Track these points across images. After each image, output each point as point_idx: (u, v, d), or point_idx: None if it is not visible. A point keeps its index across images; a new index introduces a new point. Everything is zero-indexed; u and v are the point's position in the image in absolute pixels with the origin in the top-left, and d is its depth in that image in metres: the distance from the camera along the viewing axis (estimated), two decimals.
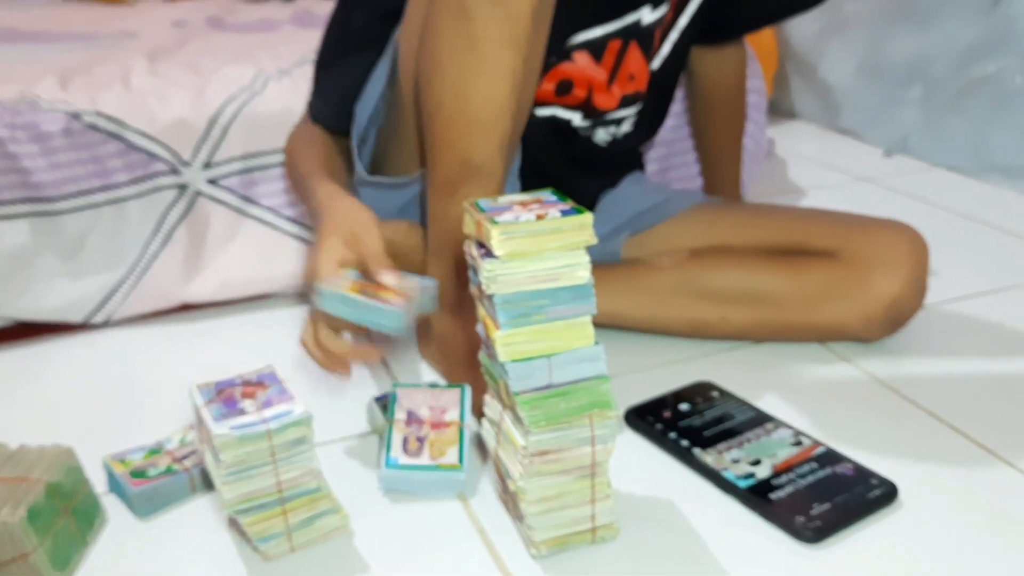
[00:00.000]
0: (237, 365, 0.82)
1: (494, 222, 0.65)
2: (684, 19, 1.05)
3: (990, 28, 1.57)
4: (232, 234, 1.21)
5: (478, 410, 0.86)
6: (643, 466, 0.84)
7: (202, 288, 1.19)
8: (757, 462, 0.81)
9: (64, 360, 1.11)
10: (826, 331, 1.02)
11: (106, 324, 1.19)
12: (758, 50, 1.84)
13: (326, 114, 1.04)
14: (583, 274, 0.66)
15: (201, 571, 0.73)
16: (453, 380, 0.96)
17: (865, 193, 1.60)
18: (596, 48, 0.98)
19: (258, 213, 1.21)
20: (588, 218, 0.66)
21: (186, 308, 1.22)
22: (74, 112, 1.11)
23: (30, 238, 1.11)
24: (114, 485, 0.82)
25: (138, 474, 0.81)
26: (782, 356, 1.03)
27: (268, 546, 0.72)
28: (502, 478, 0.75)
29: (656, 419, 0.89)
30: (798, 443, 0.84)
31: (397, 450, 0.81)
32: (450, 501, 0.80)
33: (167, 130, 1.15)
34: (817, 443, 0.84)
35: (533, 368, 0.67)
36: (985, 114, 1.60)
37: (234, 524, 0.77)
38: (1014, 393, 0.94)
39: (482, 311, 0.71)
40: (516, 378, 0.67)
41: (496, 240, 0.64)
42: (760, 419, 0.88)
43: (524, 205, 0.68)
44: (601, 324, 1.05)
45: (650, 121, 1.13)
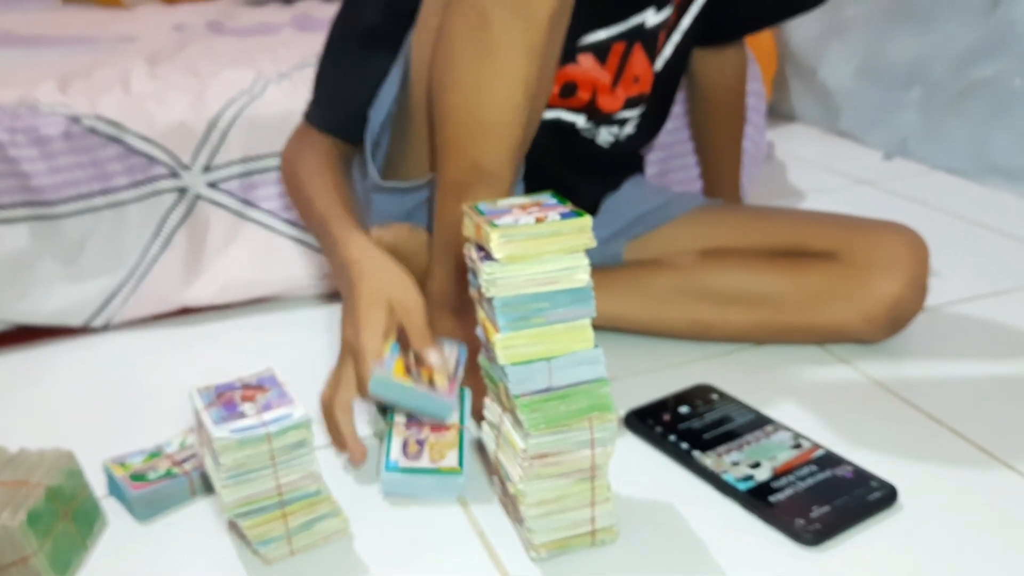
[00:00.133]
0: (237, 368, 0.82)
1: (493, 225, 0.65)
2: (687, 20, 1.05)
3: (989, 30, 1.57)
4: (232, 237, 1.21)
5: (478, 413, 0.86)
6: (643, 469, 0.84)
7: (202, 291, 1.19)
8: (757, 465, 0.81)
9: (64, 364, 1.11)
10: (827, 332, 1.02)
11: (106, 328, 1.19)
12: (757, 53, 1.84)
13: (334, 121, 1.00)
14: (582, 277, 0.66)
15: (201, 575, 0.73)
16: None
17: (864, 196, 1.60)
18: (600, 50, 0.98)
19: (258, 216, 1.21)
20: (587, 221, 0.66)
21: (186, 311, 1.22)
22: (74, 116, 1.11)
23: (30, 242, 1.11)
24: (114, 488, 0.82)
25: (138, 477, 0.81)
26: (782, 359, 1.03)
27: (268, 549, 0.72)
28: (502, 481, 0.75)
29: (656, 422, 0.89)
30: (797, 446, 0.84)
31: (397, 453, 0.81)
32: (450, 504, 0.80)
33: (167, 133, 1.15)
34: (817, 446, 0.84)
35: (533, 371, 0.67)
36: (984, 117, 1.60)
37: (234, 527, 0.77)
38: (1014, 395, 0.94)
39: (481, 314, 0.71)
40: (516, 381, 0.67)
41: (495, 243, 0.64)
42: (760, 422, 0.88)
43: (524, 208, 0.68)
44: (602, 326, 1.05)
45: (652, 123, 1.13)
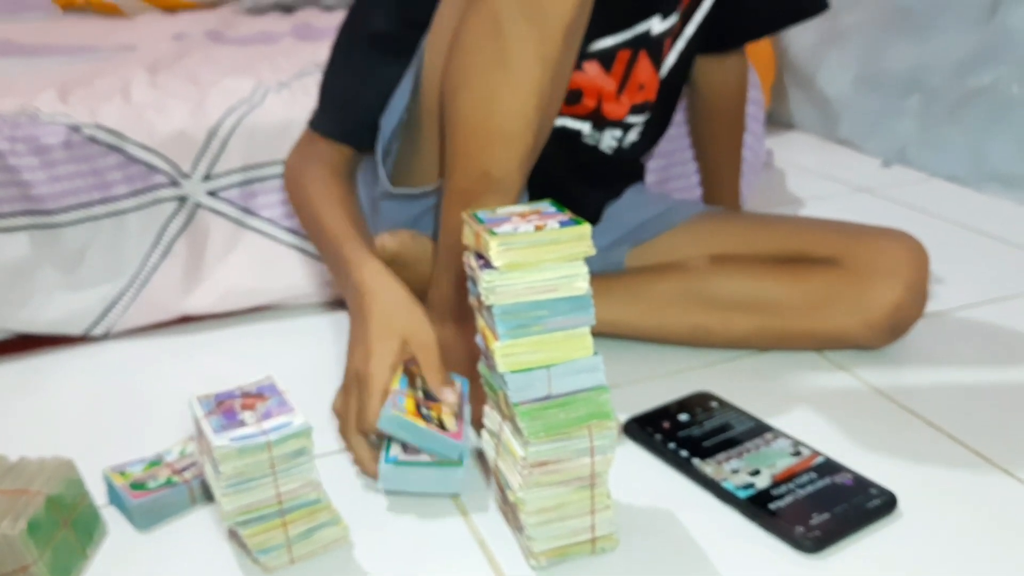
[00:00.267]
0: (237, 377, 0.82)
1: (493, 233, 0.65)
2: (691, 28, 1.06)
3: (987, 39, 1.57)
4: (232, 245, 1.21)
5: (477, 422, 0.87)
6: (643, 476, 0.84)
7: (202, 300, 1.20)
8: (756, 472, 0.82)
9: (64, 372, 1.11)
10: (828, 338, 1.02)
11: (106, 336, 1.19)
12: (756, 61, 1.85)
13: (343, 128, 0.99)
14: (582, 285, 0.67)
15: None
16: None
17: (863, 203, 1.60)
18: (606, 58, 0.98)
19: (258, 224, 1.21)
20: (586, 229, 0.66)
21: (186, 320, 1.22)
22: (74, 125, 1.12)
23: (30, 251, 1.11)
24: (114, 497, 0.82)
25: (138, 486, 0.81)
26: (781, 366, 1.03)
27: (268, 558, 0.72)
28: (501, 489, 0.75)
29: (655, 429, 0.89)
30: (797, 453, 0.84)
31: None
32: (450, 513, 0.80)
33: (167, 142, 1.15)
34: (816, 453, 0.84)
35: (532, 379, 0.67)
36: (983, 124, 1.60)
37: (234, 536, 0.77)
38: (1013, 402, 0.94)
39: (481, 322, 0.71)
40: (515, 389, 0.67)
41: (495, 251, 0.64)
42: (759, 429, 0.89)
43: (523, 216, 0.68)
44: (603, 332, 1.05)
45: (655, 130, 1.13)
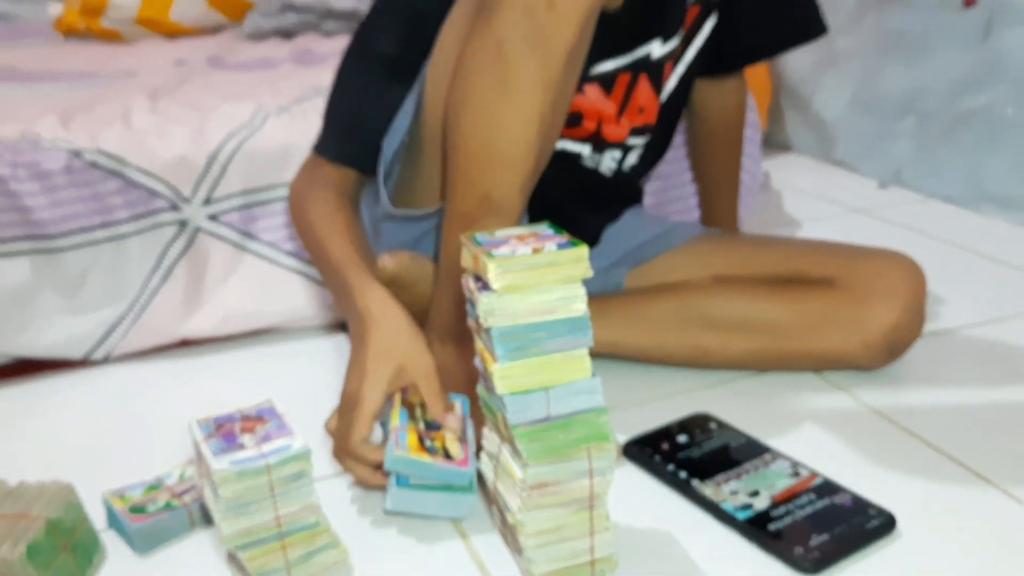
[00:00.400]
0: (238, 400, 0.82)
1: (491, 256, 0.65)
2: (692, 52, 1.07)
3: (980, 61, 1.59)
4: (232, 269, 1.21)
5: (478, 443, 0.87)
6: (642, 498, 0.84)
7: (202, 323, 1.20)
8: (755, 493, 0.82)
9: (64, 397, 1.11)
10: (826, 359, 1.03)
11: (106, 360, 1.19)
12: (753, 84, 1.86)
13: (348, 151, 1.00)
14: (580, 307, 0.67)
15: None
16: None
17: (860, 225, 1.61)
18: (607, 81, 0.99)
19: (258, 248, 1.22)
20: (584, 251, 0.66)
21: (186, 344, 1.22)
22: (75, 150, 1.12)
23: (31, 275, 1.12)
24: (113, 521, 0.82)
25: (137, 510, 0.81)
26: (780, 387, 1.03)
27: None
28: (501, 511, 0.75)
29: (654, 451, 0.89)
30: (796, 474, 0.84)
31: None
32: (450, 536, 0.80)
33: (167, 167, 1.16)
34: (815, 474, 0.84)
35: (531, 401, 0.67)
36: (977, 145, 1.61)
37: (233, 559, 0.77)
38: (1011, 422, 0.94)
39: (480, 344, 0.71)
40: (514, 411, 0.67)
41: (493, 274, 0.65)
42: (758, 450, 0.89)
43: (521, 239, 0.69)
44: (602, 353, 1.05)
45: (654, 152, 1.14)
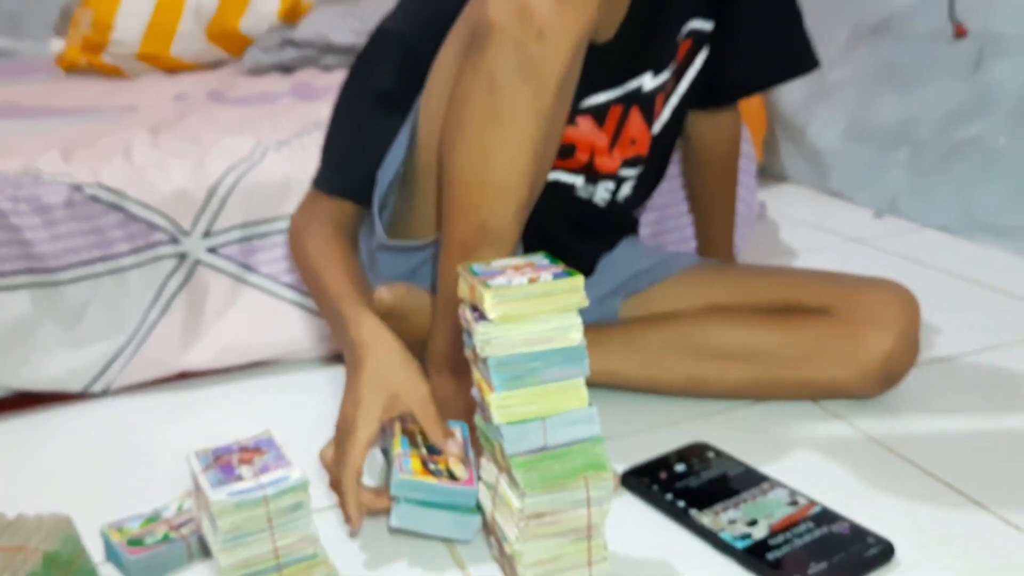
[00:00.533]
0: (236, 432, 0.82)
1: (487, 286, 0.66)
2: (684, 85, 1.08)
3: (971, 92, 1.60)
4: (231, 301, 1.22)
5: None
6: (640, 528, 0.84)
7: (200, 356, 1.20)
8: (754, 522, 0.82)
9: (63, 429, 1.11)
10: (822, 387, 1.03)
11: (105, 393, 1.19)
12: (748, 116, 1.88)
13: (345, 184, 1.00)
14: (575, 336, 0.67)
15: None
16: None
17: (856, 254, 1.62)
18: (599, 113, 1.00)
19: (257, 280, 1.22)
20: (579, 280, 0.67)
21: (185, 376, 1.22)
22: (76, 184, 1.13)
23: (31, 308, 1.12)
24: (111, 554, 0.82)
25: (135, 542, 0.81)
26: (777, 416, 1.03)
27: None
28: (499, 541, 0.75)
29: (652, 480, 0.89)
30: (794, 503, 0.84)
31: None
32: (448, 566, 0.80)
33: (167, 200, 1.17)
34: (813, 502, 0.84)
35: (527, 430, 0.68)
36: (970, 175, 1.63)
37: None
38: (1007, 449, 0.94)
39: (477, 374, 0.72)
40: (511, 440, 0.67)
41: (489, 303, 0.65)
42: (756, 479, 0.89)
43: (517, 269, 0.69)
44: (598, 383, 1.05)
45: (648, 183, 1.15)
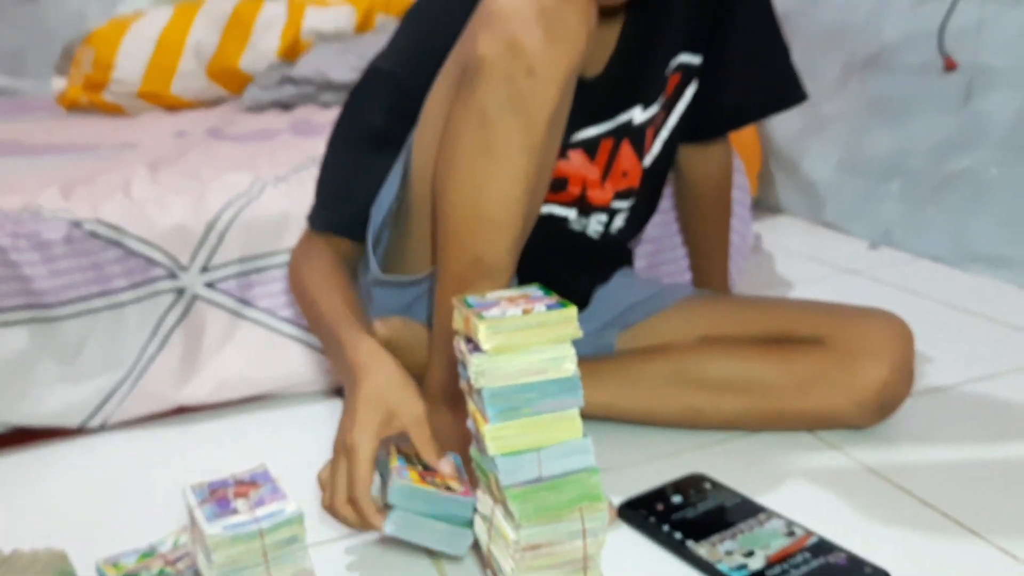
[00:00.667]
0: (233, 467, 0.82)
1: (481, 317, 0.67)
2: (674, 118, 1.09)
3: (962, 124, 1.62)
4: (228, 336, 1.22)
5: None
6: (637, 559, 0.84)
7: (198, 390, 1.20)
8: (751, 553, 0.81)
9: (60, 465, 1.11)
10: (817, 418, 1.03)
11: (102, 428, 1.19)
12: (742, 149, 1.90)
13: (338, 221, 1.02)
14: (570, 367, 0.68)
15: None
16: None
17: (851, 285, 1.63)
18: (590, 147, 1.02)
19: (255, 315, 1.23)
20: (573, 311, 0.67)
21: (182, 410, 1.22)
22: (75, 220, 1.14)
23: (29, 344, 1.13)
24: None
25: None
26: (773, 446, 1.03)
27: None
28: (495, 574, 0.75)
29: (649, 512, 0.89)
30: (791, 533, 0.84)
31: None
32: None
33: (166, 236, 1.18)
34: (810, 533, 0.84)
35: (522, 462, 0.68)
36: (963, 206, 1.64)
37: None
38: (1003, 478, 0.94)
39: (472, 406, 0.72)
40: (505, 472, 0.68)
41: (483, 334, 0.66)
42: (753, 510, 0.89)
43: (511, 301, 0.70)
44: (594, 415, 1.06)
45: (640, 215, 1.16)
